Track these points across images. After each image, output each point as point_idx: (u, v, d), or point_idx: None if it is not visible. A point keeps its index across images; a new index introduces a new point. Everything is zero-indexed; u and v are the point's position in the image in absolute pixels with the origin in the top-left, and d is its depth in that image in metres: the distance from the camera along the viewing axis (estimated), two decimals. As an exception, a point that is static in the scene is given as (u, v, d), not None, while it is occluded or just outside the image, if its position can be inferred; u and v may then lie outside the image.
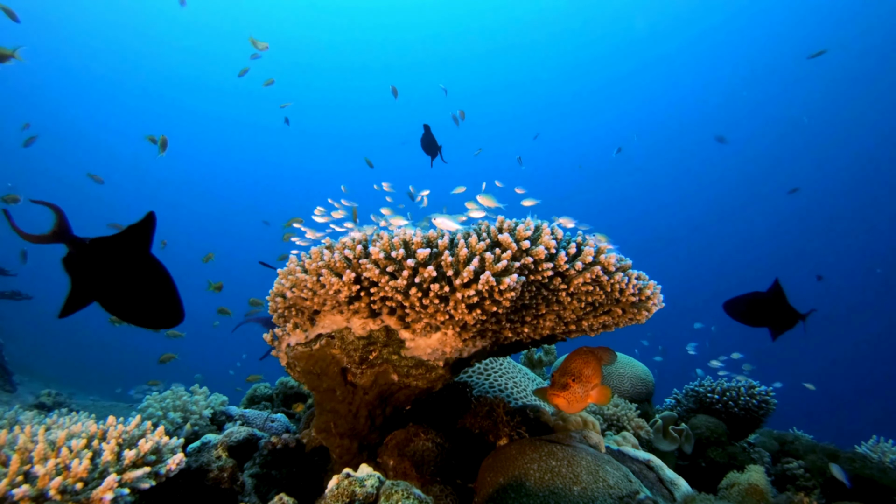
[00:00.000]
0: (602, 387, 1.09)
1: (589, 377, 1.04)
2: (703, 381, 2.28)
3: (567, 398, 1.02)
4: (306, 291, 1.09)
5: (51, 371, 6.32)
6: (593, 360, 1.07)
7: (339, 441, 1.21)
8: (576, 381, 1.02)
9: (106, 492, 0.79)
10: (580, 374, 1.03)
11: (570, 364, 1.06)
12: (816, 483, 1.85)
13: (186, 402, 1.61)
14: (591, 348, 1.14)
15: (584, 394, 1.02)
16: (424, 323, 1.05)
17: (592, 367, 1.05)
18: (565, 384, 1.01)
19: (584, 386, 1.02)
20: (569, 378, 1.01)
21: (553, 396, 1.01)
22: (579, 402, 1.02)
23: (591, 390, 1.05)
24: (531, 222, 1.03)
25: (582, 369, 1.04)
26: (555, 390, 1.01)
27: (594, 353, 1.11)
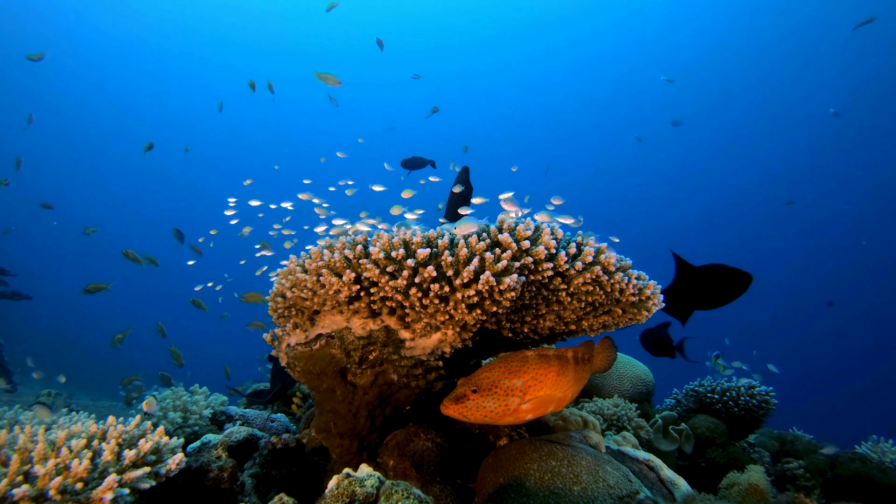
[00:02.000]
0: (546, 397, 0.91)
1: (510, 390, 0.88)
2: (703, 381, 2.28)
3: (461, 412, 0.86)
4: (306, 291, 1.09)
5: (51, 371, 6.32)
6: (534, 368, 0.91)
7: (339, 441, 1.21)
8: (480, 393, 0.87)
9: (106, 492, 0.79)
10: (492, 385, 0.87)
11: (483, 371, 0.90)
12: (816, 483, 1.85)
13: (186, 402, 1.61)
14: (559, 353, 0.98)
15: (502, 408, 0.87)
16: (424, 323, 1.05)
17: (527, 377, 0.90)
18: (461, 396, 0.87)
19: (496, 398, 0.86)
20: (469, 388, 0.87)
21: (442, 407, 0.87)
22: (482, 416, 0.87)
23: (521, 403, 0.88)
24: (531, 222, 1.03)
25: (499, 379, 0.88)
26: (447, 400, 0.87)
27: (549, 360, 0.94)
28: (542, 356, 0.94)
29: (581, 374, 1.01)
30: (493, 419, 0.89)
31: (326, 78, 2.49)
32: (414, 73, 5.71)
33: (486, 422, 0.90)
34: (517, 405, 0.89)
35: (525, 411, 0.91)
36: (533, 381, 0.91)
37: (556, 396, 0.94)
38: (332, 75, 2.50)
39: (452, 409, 0.87)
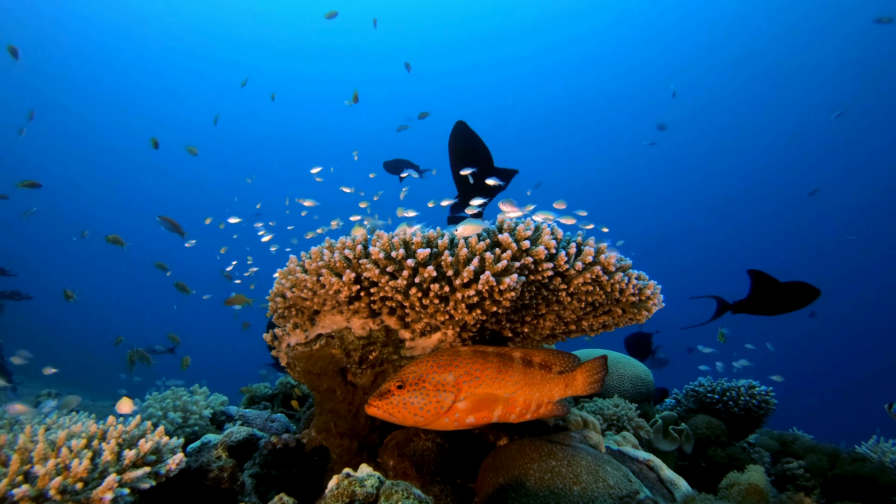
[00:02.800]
0: (486, 396, 0.82)
1: (441, 385, 0.81)
2: (702, 381, 2.28)
3: (386, 410, 0.79)
4: (306, 291, 1.09)
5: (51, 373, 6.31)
6: (467, 363, 0.84)
7: (339, 441, 1.21)
8: (406, 388, 0.80)
9: (106, 492, 0.79)
10: (420, 380, 0.81)
11: (410, 365, 0.83)
12: (816, 483, 1.85)
13: (186, 402, 1.61)
14: (500, 350, 0.90)
15: (433, 405, 0.79)
16: (424, 323, 1.05)
17: (459, 371, 0.83)
18: (385, 392, 0.80)
19: (424, 394, 0.79)
20: (394, 384, 0.80)
21: (365, 406, 0.81)
22: (412, 416, 0.79)
23: (456, 401, 0.81)
24: (531, 222, 1.03)
25: (427, 373, 0.81)
26: (372, 397, 0.81)
27: (486, 356, 0.86)
28: (478, 351, 0.88)
29: (538, 380, 0.93)
30: (425, 419, 0.81)
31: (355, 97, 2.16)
32: (407, 63, 5.68)
33: (419, 423, 0.81)
34: (451, 402, 0.81)
35: (464, 412, 0.83)
36: (467, 377, 0.84)
37: (500, 396, 0.86)
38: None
39: (376, 406, 0.80)
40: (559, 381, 0.98)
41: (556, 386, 0.97)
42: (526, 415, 0.91)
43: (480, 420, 0.85)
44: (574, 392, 1.00)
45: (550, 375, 0.96)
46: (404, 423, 0.82)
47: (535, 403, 0.93)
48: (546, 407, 0.96)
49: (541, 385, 0.94)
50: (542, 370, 0.95)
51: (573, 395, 1.01)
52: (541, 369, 0.95)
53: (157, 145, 3.18)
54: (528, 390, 0.91)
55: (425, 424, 0.82)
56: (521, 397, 0.89)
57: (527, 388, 0.91)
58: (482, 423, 0.86)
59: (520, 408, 0.90)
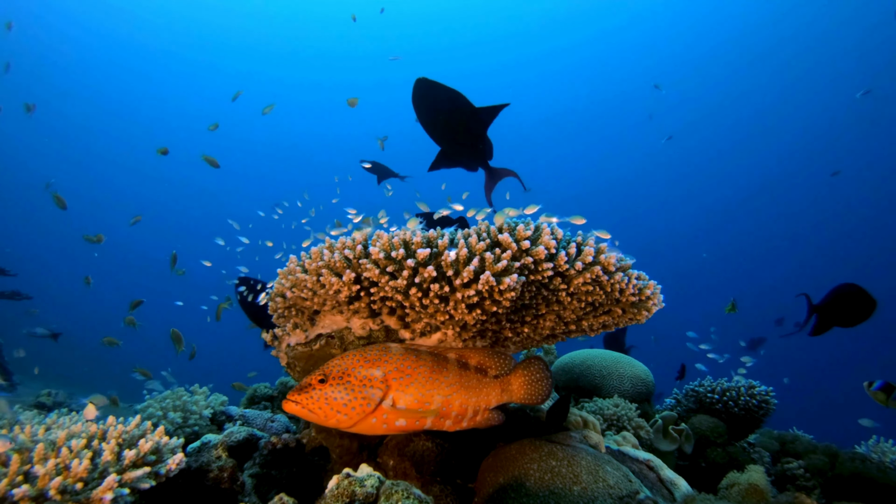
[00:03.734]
0: (420, 398, 0.75)
1: (368, 380, 0.74)
2: (702, 381, 2.28)
3: (306, 405, 0.72)
4: (306, 291, 1.09)
5: (51, 371, 6.32)
6: (398, 359, 0.77)
7: (339, 441, 1.21)
8: (329, 382, 0.73)
9: (106, 492, 0.79)
10: (345, 374, 0.74)
11: (336, 359, 0.76)
12: (816, 483, 1.85)
13: (186, 402, 1.61)
14: (434, 349, 0.84)
15: (360, 402, 0.72)
16: (424, 323, 1.05)
17: (389, 367, 0.76)
18: (306, 386, 0.73)
19: (349, 390, 0.73)
20: (316, 377, 0.74)
21: (284, 402, 0.74)
22: (334, 413, 0.71)
23: (385, 398, 0.74)
24: (531, 222, 1.03)
25: (353, 367, 0.75)
26: (291, 392, 0.74)
27: (419, 354, 0.80)
28: (410, 349, 0.82)
29: (474, 384, 0.86)
30: (350, 417, 0.72)
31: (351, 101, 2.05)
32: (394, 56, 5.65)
33: (342, 422, 0.73)
34: (379, 399, 0.74)
35: (393, 412, 0.75)
36: (397, 374, 0.77)
37: (435, 398, 0.79)
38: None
39: (294, 400, 0.72)
40: (495, 386, 0.90)
41: (492, 391, 0.90)
42: (462, 422, 0.84)
43: (412, 426, 0.79)
44: (510, 399, 0.92)
45: (486, 380, 0.90)
46: (325, 423, 0.73)
47: (472, 409, 0.85)
48: (482, 415, 0.88)
49: (477, 390, 0.87)
50: (478, 374, 0.89)
51: (510, 402, 0.93)
52: (477, 373, 0.88)
53: (167, 153, 3.19)
54: (464, 394, 0.84)
55: (349, 425, 0.74)
56: (457, 401, 0.83)
57: (463, 392, 0.84)
58: (414, 428, 0.79)
59: (455, 412, 0.83)
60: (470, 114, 1.69)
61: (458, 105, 1.69)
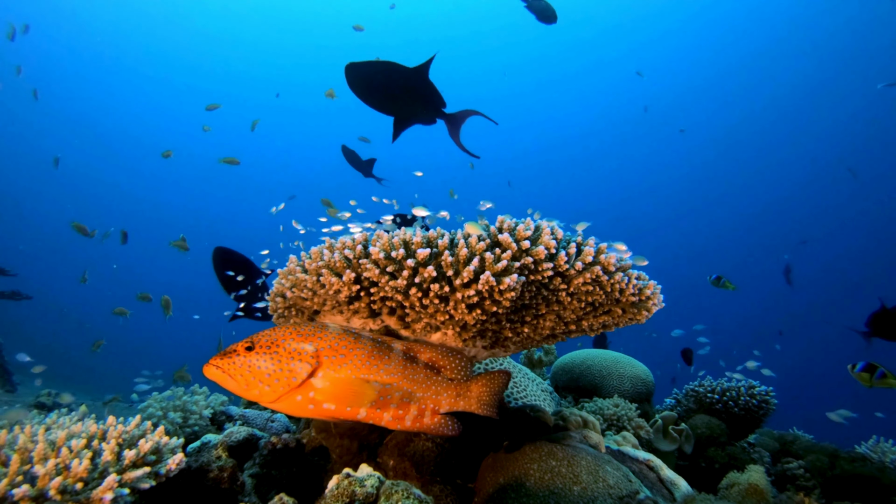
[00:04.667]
0: (352, 382, 0.70)
1: (297, 352, 0.69)
2: (702, 381, 2.28)
3: (225, 370, 0.68)
4: (306, 291, 1.09)
5: (51, 371, 6.33)
6: (335, 337, 0.72)
7: (339, 441, 1.21)
8: (255, 350, 0.69)
9: (106, 492, 0.79)
10: (273, 343, 0.70)
11: (270, 329, 0.73)
12: (816, 483, 1.85)
13: (186, 401, 1.61)
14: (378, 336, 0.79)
15: (284, 374, 0.67)
16: (424, 323, 1.05)
17: (322, 344, 0.71)
18: (231, 351, 0.70)
19: (275, 359, 0.68)
20: (243, 344, 0.70)
21: (205, 367, 0.70)
22: (255, 381, 0.67)
23: (313, 375, 0.69)
24: (531, 222, 1.03)
25: (284, 338, 0.70)
26: (214, 357, 0.70)
27: (359, 336, 0.74)
28: (350, 330, 0.77)
29: (421, 380, 0.81)
30: (273, 390, 0.67)
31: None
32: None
33: (265, 395, 0.67)
34: (306, 375, 0.69)
35: (322, 394, 0.69)
36: (331, 351, 0.72)
37: (370, 383, 0.73)
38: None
39: (215, 365, 0.68)
40: (450, 389, 0.84)
41: (446, 393, 0.83)
42: (405, 419, 0.78)
43: (342, 411, 0.73)
44: (467, 407, 0.86)
45: (438, 379, 0.84)
46: (247, 394, 0.69)
47: (418, 408, 0.79)
48: (432, 418, 0.81)
49: (425, 387, 0.81)
50: (429, 371, 0.83)
51: (465, 410, 0.86)
52: (426, 369, 0.83)
53: (170, 155, 3.23)
54: (409, 388, 0.79)
55: (272, 400, 0.69)
56: (398, 394, 0.77)
57: (406, 386, 0.79)
58: (346, 416, 0.74)
59: (395, 407, 0.77)
60: (405, 74, 1.74)
61: (391, 70, 1.73)
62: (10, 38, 3.63)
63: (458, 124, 1.92)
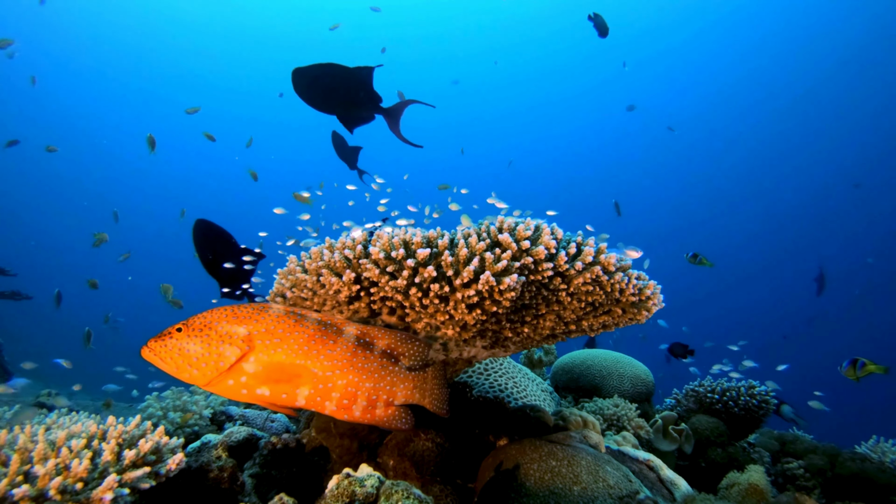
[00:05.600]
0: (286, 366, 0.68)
1: (228, 336, 0.67)
2: (702, 381, 2.28)
3: (157, 352, 0.68)
4: (306, 291, 1.09)
5: (51, 371, 6.32)
6: (272, 320, 0.69)
7: (339, 441, 1.21)
8: (186, 332, 0.68)
9: (106, 492, 0.79)
10: (206, 326, 0.68)
11: (207, 311, 0.71)
12: (816, 483, 1.85)
13: (186, 401, 1.61)
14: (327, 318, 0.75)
15: (212, 357, 0.66)
16: (424, 323, 1.05)
17: (257, 327, 0.69)
18: (165, 333, 0.69)
19: (205, 343, 0.67)
20: (177, 326, 0.69)
21: (142, 349, 0.69)
22: (186, 365, 0.66)
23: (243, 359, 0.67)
24: (531, 222, 1.03)
25: (217, 321, 0.69)
26: (151, 339, 0.69)
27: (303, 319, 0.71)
28: (294, 312, 0.73)
29: (374, 368, 0.76)
30: (202, 374, 0.67)
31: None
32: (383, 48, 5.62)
33: (196, 378, 0.67)
34: (234, 359, 0.67)
35: (253, 378, 0.67)
36: (266, 335, 0.69)
37: (309, 370, 0.70)
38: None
39: (149, 347, 0.68)
40: (407, 381, 0.79)
41: (403, 385, 0.78)
42: (352, 408, 0.74)
43: (277, 397, 0.70)
44: (421, 400, 0.81)
45: (395, 369, 0.79)
46: (178, 375, 0.68)
47: (366, 398, 0.74)
48: (385, 410, 0.76)
49: (378, 376, 0.76)
50: (385, 359, 0.78)
51: (422, 403, 0.81)
52: (383, 357, 0.78)
53: (154, 144, 3.19)
54: (354, 376, 0.74)
55: (205, 382, 0.68)
56: (341, 382, 0.73)
57: (352, 373, 0.74)
58: (281, 402, 0.71)
59: (338, 395, 0.72)
60: (345, 75, 1.87)
61: (333, 72, 1.85)
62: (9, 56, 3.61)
63: (397, 116, 2.04)
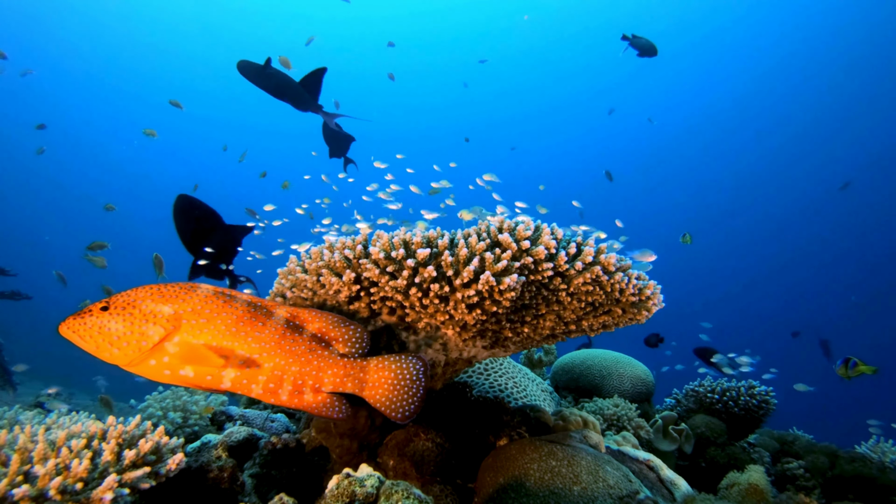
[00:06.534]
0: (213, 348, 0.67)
1: (153, 315, 0.66)
2: (703, 381, 2.28)
3: (75, 330, 0.66)
4: (306, 291, 1.09)
5: (51, 371, 6.32)
6: (199, 300, 0.68)
7: (339, 441, 1.21)
8: (110, 310, 0.66)
9: (106, 492, 0.79)
10: (130, 304, 0.66)
11: (131, 289, 0.69)
12: (816, 483, 1.85)
13: (186, 402, 1.61)
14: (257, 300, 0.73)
15: (134, 337, 0.64)
16: (424, 323, 1.05)
17: (184, 307, 0.67)
18: (86, 311, 0.67)
19: (128, 321, 0.65)
20: (100, 304, 0.67)
21: (60, 325, 0.67)
22: (106, 344, 0.64)
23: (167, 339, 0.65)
24: (531, 222, 1.03)
25: (142, 299, 0.67)
26: (70, 316, 0.67)
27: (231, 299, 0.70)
28: (223, 293, 0.71)
29: (301, 352, 0.74)
30: (124, 354, 0.65)
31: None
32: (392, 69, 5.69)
33: (117, 358, 0.66)
34: (157, 339, 0.65)
35: (176, 359, 0.67)
36: (193, 315, 0.68)
37: (236, 352, 0.69)
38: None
39: (67, 325, 0.66)
40: (336, 367, 0.76)
41: (332, 371, 0.75)
42: (278, 392, 0.72)
43: (202, 379, 0.69)
44: (360, 392, 0.77)
45: (324, 354, 0.76)
46: (98, 354, 0.67)
47: (292, 383, 0.73)
48: (314, 396, 0.74)
49: (304, 360, 0.74)
50: (316, 343, 0.75)
51: (359, 395, 0.77)
52: (313, 341, 0.75)
53: (154, 134, 3.20)
54: (281, 359, 0.72)
55: (126, 363, 0.67)
56: (268, 365, 0.71)
57: (280, 357, 0.72)
58: (206, 385, 0.70)
59: (265, 378, 0.71)
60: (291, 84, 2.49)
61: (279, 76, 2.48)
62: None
63: (330, 120, 2.62)
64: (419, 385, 0.77)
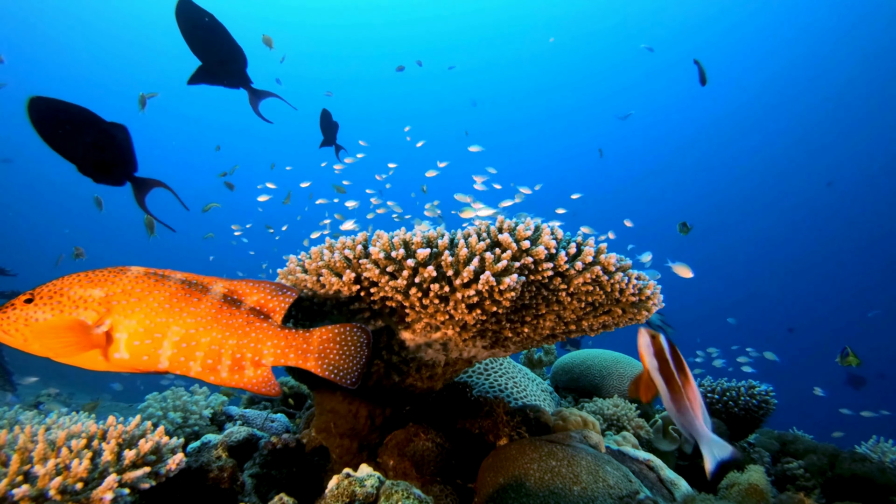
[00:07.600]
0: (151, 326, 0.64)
1: (83, 300, 0.63)
2: (702, 381, 2.28)
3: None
4: (306, 291, 1.09)
5: (51, 371, 6.32)
6: (129, 281, 0.65)
7: (339, 441, 1.21)
8: (37, 302, 0.63)
9: (106, 492, 0.79)
10: (56, 293, 0.63)
11: (57, 279, 0.66)
12: (816, 483, 1.85)
13: (186, 402, 1.61)
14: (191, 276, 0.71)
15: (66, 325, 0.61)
16: (424, 323, 1.05)
17: (114, 289, 0.64)
18: (9, 305, 0.64)
19: (57, 310, 0.62)
20: (24, 296, 0.64)
21: None
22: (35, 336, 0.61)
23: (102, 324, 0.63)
24: (531, 222, 1.03)
25: (69, 286, 0.64)
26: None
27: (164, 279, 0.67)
28: (155, 273, 0.68)
29: (239, 324, 0.71)
30: (56, 342, 0.62)
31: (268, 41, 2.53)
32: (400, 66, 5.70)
33: (47, 349, 0.62)
34: (93, 322, 0.63)
35: (112, 345, 0.64)
36: (124, 296, 0.65)
37: (170, 328, 0.66)
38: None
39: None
40: (278, 338, 0.73)
41: (272, 342, 0.73)
42: (217, 369, 0.70)
43: (138, 360, 0.66)
44: (301, 362, 0.74)
45: (263, 325, 0.73)
46: (27, 348, 0.63)
47: (230, 357, 0.70)
48: (254, 371, 0.71)
49: (242, 332, 0.71)
50: (254, 316, 0.72)
51: (300, 367, 0.75)
52: (252, 314, 0.72)
53: (144, 103, 3.11)
54: (218, 333, 0.70)
55: (63, 355, 0.65)
56: (205, 340, 0.68)
57: (217, 331, 0.69)
58: (143, 366, 0.67)
59: (202, 354, 0.69)
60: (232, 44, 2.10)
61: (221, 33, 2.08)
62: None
63: (259, 98, 2.35)
64: (363, 353, 0.77)
